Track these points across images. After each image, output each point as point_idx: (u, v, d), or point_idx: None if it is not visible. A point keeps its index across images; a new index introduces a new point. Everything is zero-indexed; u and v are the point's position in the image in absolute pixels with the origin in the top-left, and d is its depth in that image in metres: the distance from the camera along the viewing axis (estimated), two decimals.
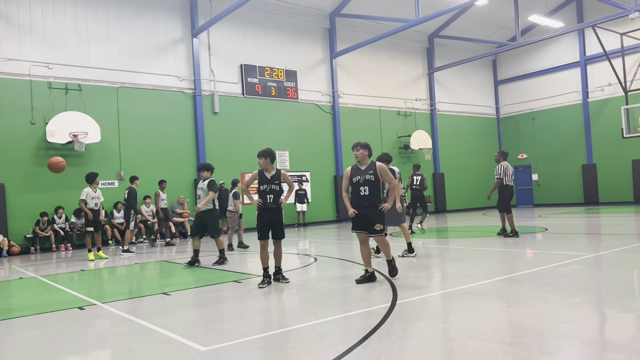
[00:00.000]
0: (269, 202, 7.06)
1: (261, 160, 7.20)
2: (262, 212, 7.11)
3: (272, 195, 7.07)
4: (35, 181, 14.53)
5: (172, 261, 10.71)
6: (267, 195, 7.08)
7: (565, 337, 4.05)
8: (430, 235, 13.29)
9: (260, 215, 7.12)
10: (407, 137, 23.09)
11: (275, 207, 7.09)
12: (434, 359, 3.70)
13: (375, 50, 22.48)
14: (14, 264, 11.74)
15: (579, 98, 24.28)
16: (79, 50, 15.54)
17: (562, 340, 4.00)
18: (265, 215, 7.08)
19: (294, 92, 19.93)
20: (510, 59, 26.97)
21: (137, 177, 13.29)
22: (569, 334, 4.13)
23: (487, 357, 3.62)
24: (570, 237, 11.25)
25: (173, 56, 17.35)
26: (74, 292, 7.36)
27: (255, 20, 19.16)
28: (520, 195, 26.93)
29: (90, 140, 14.83)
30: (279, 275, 7.13)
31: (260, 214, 7.14)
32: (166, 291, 7.00)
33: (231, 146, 18.19)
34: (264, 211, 7.09)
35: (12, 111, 14.31)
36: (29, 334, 5.06)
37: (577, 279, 6.35)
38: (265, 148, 7.34)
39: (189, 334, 4.66)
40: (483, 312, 4.93)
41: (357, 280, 6.76)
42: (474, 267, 7.70)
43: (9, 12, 14.47)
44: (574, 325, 4.38)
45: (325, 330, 4.57)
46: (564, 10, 24.04)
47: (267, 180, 7.13)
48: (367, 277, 6.74)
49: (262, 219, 7.09)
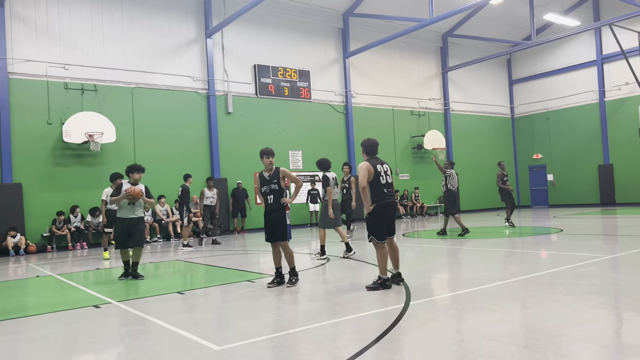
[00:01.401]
0: (269, 203, 6.94)
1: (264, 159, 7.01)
2: (265, 214, 7.06)
3: (272, 196, 6.91)
4: (51, 180, 14.72)
5: (187, 260, 10.78)
6: (267, 196, 6.97)
7: (582, 340, 4.00)
8: (443, 236, 13.21)
9: (265, 217, 7.07)
10: (421, 137, 22.98)
11: (277, 207, 6.90)
12: None
13: (388, 49, 22.40)
14: (31, 262, 11.91)
15: (596, 97, 23.96)
16: (95, 51, 15.71)
17: (578, 343, 3.95)
18: (268, 217, 7.01)
19: (307, 92, 19.95)
20: (525, 58, 26.71)
21: (190, 175, 13.36)
22: (585, 336, 4.08)
23: (502, 359, 3.59)
24: (586, 239, 11.11)
25: (187, 57, 17.46)
26: (89, 290, 7.44)
27: (268, 21, 19.21)
28: (535, 196, 26.66)
29: (105, 140, 14.99)
30: (293, 278, 6.92)
31: (264, 216, 7.09)
32: (180, 290, 7.05)
33: (244, 146, 18.25)
34: (266, 213, 7.03)
35: (29, 111, 14.51)
36: (46, 332, 5.13)
37: (593, 280, 6.26)
38: (265, 147, 7.19)
39: (202, 333, 4.68)
40: (498, 314, 4.89)
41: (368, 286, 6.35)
42: (488, 268, 7.64)
43: (26, 14, 14.68)
44: (590, 327, 4.32)
45: (338, 331, 4.57)
46: (580, 9, 23.75)
47: (266, 181, 7.00)
48: (379, 283, 6.29)
49: (266, 220, 7.03)
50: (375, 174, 6.33)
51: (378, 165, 6.39)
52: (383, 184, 6.35)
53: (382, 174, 6.38)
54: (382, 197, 6.33)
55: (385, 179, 6.39)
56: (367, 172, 6.28)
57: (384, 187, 6.35)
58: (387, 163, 6.62)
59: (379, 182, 6.34)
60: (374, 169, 6.32)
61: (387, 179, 6.42)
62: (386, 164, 6.55)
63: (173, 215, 16.32)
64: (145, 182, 15.22)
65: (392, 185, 6.51)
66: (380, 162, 6.48)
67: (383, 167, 6.44)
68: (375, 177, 6.33)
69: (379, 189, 6.33)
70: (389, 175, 6.47)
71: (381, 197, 6.33)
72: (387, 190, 6.38)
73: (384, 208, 6.35)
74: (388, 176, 6.45)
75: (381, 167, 6.42)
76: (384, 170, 6.43)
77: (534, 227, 15.14)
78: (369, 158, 6.51)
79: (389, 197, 6.40)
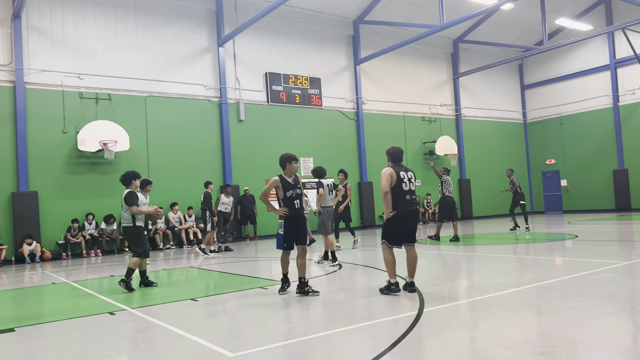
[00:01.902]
0: (296, 207, 6.78)
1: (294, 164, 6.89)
2: (291, 220, 6.75)
3: (298, 201, 6.82)
4: (66, 188, 14.90)
5: (200, 267, 10.83)
6: (294, 201, 6.78)
7: (598, 347, 3.96)
8: (456, 242, 13.14)
9: (290, 224, 6.75)
10: (432, 142, 22.91)
11: (302, 212, 6.87)
12: None
13: (399, 56, 22.42)
14: (47, 269, 12.05)
15: (609, 102, 23.74)
16: (109, 61, 15.93)
17: (595, 350, 3.92)
18: (295, 223, 6.77)
19: (318, 99, 20.02)
20: (537, 63, 26.57)
21: (210, 182, 13.82)
22: (602, 343, 4.04)
23: None
24: (601, 245, 10.99)
25: (200, 65, 17.63)
26: (104, 297, 7.51)
27: (279, 29, 19.34)
28: (549, 202, 26.41)
29: (119, 149, 15.16)
30: (307, 288, 6.66)
31: (289, 222, 6.75)
32: (193, 297, 7.09)
33: (256, 153, 18.35)
34: (293, 219, 6.75)
35: (45, 121, 14.73)
36: (62, 338, 5.19)
37: (609, 287, 6.20)
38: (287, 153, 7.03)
39: (217, 340, 4.71)
40: (513, 321, 4.85)
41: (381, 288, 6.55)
42: (503, 275, 7.59)
43: (42, 25, 14.93)
44: (607, 335, 4.28)
45: (352, 338, 4.57)
46: (592, 13, 23.59)
47: (291, 186, 6.85)
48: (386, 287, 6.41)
49: (293, 227, 6.75)
50: (398, 180, 6.35)
51: (401, 172, 6.41)
52: (405, 190, 6.38)
53: (405, 180, 6.39)
54: (404, 205, 6.37)
55: (408, 186, 6.41)
56: (389, 177, 6.33)
57: (406, 193, 6.38)
58: (412, 171, 6.63)
59: (401, 188, 6.36)
60: (397, 175, 6.35)
61: (410, 186, 6.44)
62: (411, 172, 6.56)
63: (186, 222, 16.42)
64: (159, 189, 15.49)
65: (414, 192, 6.52)
66: (405, 169, 6.50)
67: (407, 174, 6.46)
68: (398, 184, 6.35)
69: (401, 196, 6.37)
70: (412, 183, 6.48)
71: (403, 205, 6.37)
72: (409, 197, 6.41)
73: (404, 216, 6.38)
74: (411, 183, 6.47)
75: (405, 174, 6.44)
76: (408, 178, 6.44)
77: (548, 233, 15.01)
78: (393, 165, 6.54)
79: (411, 204, 6.43)
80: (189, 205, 16.57)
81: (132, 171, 8.23)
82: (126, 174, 8.14)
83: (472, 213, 24.18)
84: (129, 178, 8.07)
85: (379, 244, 13.84)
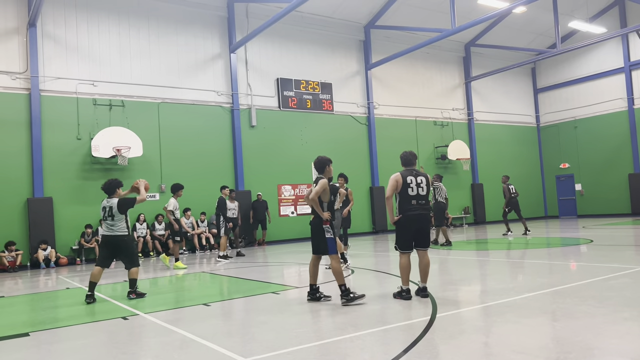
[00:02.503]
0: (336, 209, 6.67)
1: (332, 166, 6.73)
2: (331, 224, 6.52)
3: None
4: (80, 194, 15.07)
5: (212, 272, 10.86)
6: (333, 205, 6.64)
7: (615, 354, 3.90)
8: (469, 247, 13.04)
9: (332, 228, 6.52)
10: (445, 147, 22.81)
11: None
12: None
13: (410, 60, 22.40)
14: (61, 274, 12.17)
15: (624, 105, 23.46)
16: (122, 68, 16.11)
17: (612, 356, 3.85)
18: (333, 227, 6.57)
19: (329, 104, 20.05)
20: (550, 66, 26.36)
21: (225, 187, 13.82)
22: (619, 350, 3.97)
23: None
24: (617, 249, 10.83)
25: (212, 71, 17.76)
26: (117, 302, 7.56)
27: (290, 35, 19.43)
28: (563, 206, 26.13)
29: (132, 155, 15.30)
30: (318, 294, 6.67)
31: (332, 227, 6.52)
32: (206, 302, 7.11)
33: (268, 158, 18.42)
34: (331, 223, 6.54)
35: (60, 127, 14.93)
36: (77, 343, 5.23)
37: (625, 292, 6.10)
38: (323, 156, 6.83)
39: (229, 345, 4.72)
40: (527, 327, 4.80)
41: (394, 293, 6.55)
42: (516, 280, 7.51)
43: (57, 33, 15.16)
44: (623, 340, 4.21)
45: (364, 343, 4.54)
46: (606, 16, 23.38)
47: (334, 190, 6.68)
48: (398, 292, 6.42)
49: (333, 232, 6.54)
50: (404, 185, 6.35)
51: (409, 177, 6.40)
52: (412, 195, 6.35)
53: (411, 185, 6.36)
54: (409, 209, 6.36)
55: (415, 191, 6.37)
56: (395, 183, 6.39)
57: (412, 198, 6.36)
58: (424, 175, 6.55)
59: (407, 193, 6.36)
60: (403, 180, 6.36)
61: (419, 191, 6.39)
62: (422, 176, 6.49)
63: (198, 227, 16.50)
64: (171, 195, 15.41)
65: (424, 197, 6.45)
66: (415, 174, 6.47)
67: (416, 179, 6.42)
68: (404, 188, 6.36)
69: (407, 200, 6.37)
70: (421, 187, 6.41)
71: (408, 209, 6.36)
72: (415, 202, 6.36)
73: (408, 220, 6.38)
74: (420, 188, 6.40)
75: (413, 178, 6.41)
76: (416, 182, 6.39)
77: (563, 237, 14.83)
78: (404, 169, 6.56)
79: (417, 209, 6.37)
80: (201, 211, 16.65)
81: (115, 179, 8.12)
82: (110, 182, 7.97)
83: (485, 218, 23.99)
84: (114, 187, 7.92)
85: (390, 249, 13.81)
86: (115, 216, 7.72)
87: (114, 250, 7.86)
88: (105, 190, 7.95)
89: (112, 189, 7.90)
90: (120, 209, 7.71)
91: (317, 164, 6.73)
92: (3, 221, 13.97)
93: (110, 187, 7.90)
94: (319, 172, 6.73)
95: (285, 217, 18.83)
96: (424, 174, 6.58)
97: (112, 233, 7.75)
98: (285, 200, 18.89)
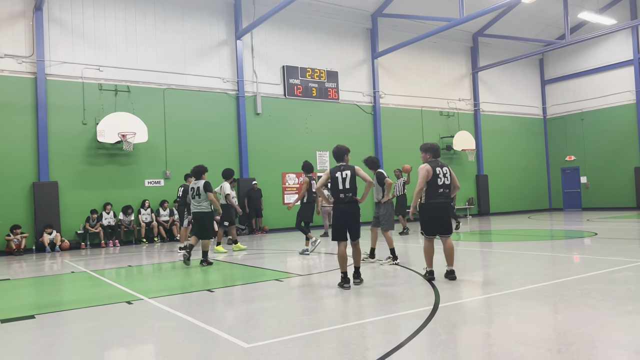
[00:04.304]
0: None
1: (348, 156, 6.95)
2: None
3: None
4: (86, 179, 15.12)
5: (215, 259, 10.91)
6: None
7: (617, 347, 3.90)
8: (473, 238, 13.03)
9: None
10: (450, 137, 22.71)
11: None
12: None
13: (417, 50, 22.23)
14: (66, 258, 12.26)
15: (632, 98, 23.26)
16: (128, 53, 16.07)
17: (614, 349, 3.85)
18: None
19: (334, 93, 19.96)
20: (558, 57, 26.12)
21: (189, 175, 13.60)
22: (621, 343, 3.97)
23: None
24: (621, 243, 10.80)
25: (217, 58, 17.70)
26: (122, 286, 7.61)
27: (297, 22, 19.30)
28: (568, 199, 26.04)
29: (138, 140, 15.31)
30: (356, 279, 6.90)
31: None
32: (210, 288, 7.15)
33: (272, 146, 18.40)
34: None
35: (65, 112, 14.94)
36: (81, 326, 5.28)
37: (629, 286, 6.09)
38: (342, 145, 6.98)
39: (232, 331, 4.75)
40: (529, 318, 4.80)
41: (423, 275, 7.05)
42: (519, 271, 7.51)
43: (63, 18, 15.12)
44: (626, 334, 4.21)
45: (366, 331, 4.56)
46: (616, 7, 23.08)
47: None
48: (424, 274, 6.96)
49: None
50: (434, 176, 6.82)
51: (437, 168, 6.85)
52: (440, 184, 6.82)
53: (440, 176, 6.83)
54: (436, 196, 6.84)
55: (442, 181, 6.83)
56: (425, 173, 6.80)
57: (439, 187, 6.83)
58: (447, 166, 7.01)
59: (436, 183, 6.83)
60: (433, 172, 6.81)
61: (445, 181, 6.86)
62: (446, 167, 6.95)
63: None
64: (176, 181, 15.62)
65: (449, 186, 6.91)
66: (440, 165, 6.90)
67: (442, 170, 6.87)
68: (433, 179, 6.82)
69: (435, 189, 6.83)
70: (447, 177, 6.88)
71: (435, 196, 6.84)
72: (442, 191, 6.84)
73: (435, 207, 6.85)
74: (446, 178, 6.88)
75: (440, 169, 6.86)
76: (443, 173, 6.86)
77: (567, 230, 14.80)
78: (432, 160, 6.97)
79: (441, 197, 6.85)
80: None
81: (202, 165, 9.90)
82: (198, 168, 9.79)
83: (489, 209, 23.95)
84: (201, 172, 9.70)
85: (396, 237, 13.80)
86: (201, 195, 9.56)
87: (197, 222, 9.72)
88: (194, 174, 9.89)
89: (199, 173, 9.75)
90: (206, 189, 9.52)
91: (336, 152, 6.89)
92: (9, 205, 14.04)
93: (198, 172, 9.76)
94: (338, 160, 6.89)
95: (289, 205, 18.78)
96: (446, 165, 7.03)
97: (198, 210, 9.60)
98: (290, 189, 18.90)
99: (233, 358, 3.97)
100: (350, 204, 6.71)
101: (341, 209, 6.70)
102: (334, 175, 6.69)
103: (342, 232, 6.73)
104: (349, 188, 6.65)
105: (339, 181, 6.64)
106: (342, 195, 6.65)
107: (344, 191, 6.65)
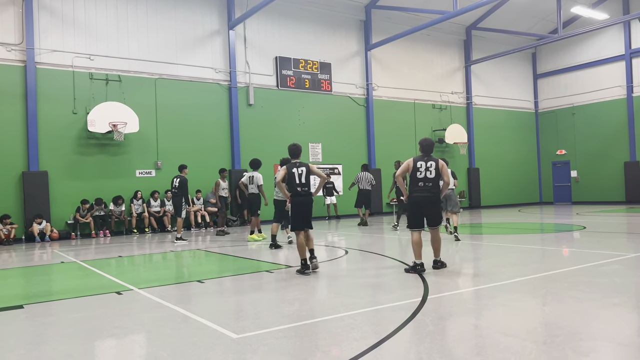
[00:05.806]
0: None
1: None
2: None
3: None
4: (76, 169, 15.01)
5: (207, 250, 10.91)
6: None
7: (602, 338, 3.95)
8: (463, 231, 13.11)
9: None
10: (442, 130, 22.77)
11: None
12: (466, 355, 3.67)
13: (410, 42, 22.20)
14: (56, 248, 12.20)
15: (623, 93, 23.41)
16: (120, 43, 15.92)
17: (599, 341, 3.91)
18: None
19: (327, 85, 19.91)
20: (550, 51, 26.20)
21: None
22: (606, 335, 4.03)
23: (520, 355, 3.57)
24: (609, 236, 10.92)
25: (210, 48, 17.57)
26: (112, 277, 7.60)
27: (290, 13, 19.19)
28: (558, 192, 26.24)
29: (129, 130, 15.20)
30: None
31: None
32: (200, 279, 7.16)
33: (264, 138, 18.34)
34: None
35: (55, 101, 14.80)
36: (70, 316, 5.27)
37: (616, 279, 6.17)
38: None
39: (221, 322, 4.76)
40: (516, 310, 4.86)
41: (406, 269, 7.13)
42: (508, 264, 7.58)
43: (53, 5, 14.92)
44: (611, 326, 4.27)
45: (355, 323, 4.59)
46: (609, 2, 23.13)
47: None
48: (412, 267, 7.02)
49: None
50: (413, 169, 7.05)
51: (419, 162, 7.08)
52: (419, 178, 7.03)
53: (420, 169, 7.04)
54: (415, 190, 7.08)
55: (423, 174, 7.03)
56: (405, 166, 7.17)
57: (419, 181, 7.05)
58: (434, 160, 7.15)
59: (415, 176, 7.06)
60: (414, 164, 7.05)
61: (426, 174, 7.03)
62: (432, 161, 7.10)
63: (194, 204, 16.49)
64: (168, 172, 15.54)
65: (432, 180, 7.05)
66: (426, 160, 7.10)
67: (426, 164, 7.07)
68: (413, 172, 7.07)
69: (415, 183, 7.08)
70: (429, 171, 7.03)
71: (415, 190, 7.09)
72: (422, 185, 7.04)
73: (415, 200, 7.11)
74: (428, 172, 7.03)
75: (423, 163, 7.07)
76: (425, 167, 7.05)
77: (556, 223, 14.93)
78: (421, 155, 7.21)
79: (422, 191, 7.04)
80: (197, 188, 16.64)
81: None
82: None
83: (480, 202, 24.09)
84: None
85: (386, 230, 13.89)
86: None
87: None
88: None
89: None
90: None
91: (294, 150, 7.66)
92: None
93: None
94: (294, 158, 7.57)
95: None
96: (435, 159, 7.14)
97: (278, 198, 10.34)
98: None
99: (222, 348, 3.98)
100: (307, 197, 7.32)
101: (300, 201, 7.27)
102: (290, 171, 7.28)
103: (301, 222, 7.24)
104: (304, 182, 7.29)
105: (295, 176, 7.25)
106: (299, 189, 7.25)
107: (300, 185, 7.25)
